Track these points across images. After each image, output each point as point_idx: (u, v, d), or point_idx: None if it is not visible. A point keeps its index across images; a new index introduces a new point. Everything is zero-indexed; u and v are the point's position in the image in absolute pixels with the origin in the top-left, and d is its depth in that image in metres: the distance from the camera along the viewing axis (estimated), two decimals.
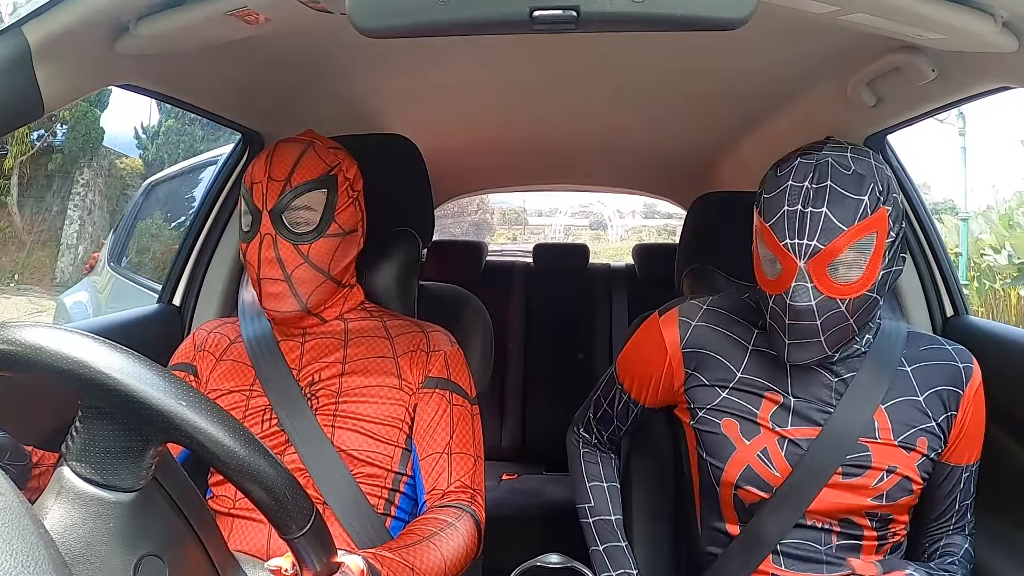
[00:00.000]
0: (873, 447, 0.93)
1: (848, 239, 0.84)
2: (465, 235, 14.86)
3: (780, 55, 1.24)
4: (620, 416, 1.12)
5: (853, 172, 0.85)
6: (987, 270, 7.30)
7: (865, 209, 0.84)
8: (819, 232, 0.84)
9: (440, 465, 1.01)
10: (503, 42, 1.21)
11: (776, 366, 0.97)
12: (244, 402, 1.03)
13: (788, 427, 0.95)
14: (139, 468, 0.52)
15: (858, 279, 0.85)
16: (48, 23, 0.79)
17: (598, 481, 1.13)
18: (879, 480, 0.92)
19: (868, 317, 0.91)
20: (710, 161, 2.21)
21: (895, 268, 0.90)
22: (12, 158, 10.57)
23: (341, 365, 1.04)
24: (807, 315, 0.86)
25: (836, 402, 0.94)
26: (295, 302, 1.02)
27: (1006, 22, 0.82)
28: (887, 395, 0.94)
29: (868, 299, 0.87)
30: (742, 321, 1.01)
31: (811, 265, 0.85)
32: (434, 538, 0.89)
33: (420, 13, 0.67)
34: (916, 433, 0.94)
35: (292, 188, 1.01)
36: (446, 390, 1.05)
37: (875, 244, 0.85)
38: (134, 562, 0.50)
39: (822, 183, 0.85)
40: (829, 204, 0.84)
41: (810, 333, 0.87)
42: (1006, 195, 8.57)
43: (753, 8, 0.64)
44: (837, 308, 0.86)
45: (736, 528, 1.00)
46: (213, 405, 0.53)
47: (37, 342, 0.49)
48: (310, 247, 1.01)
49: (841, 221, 0.84)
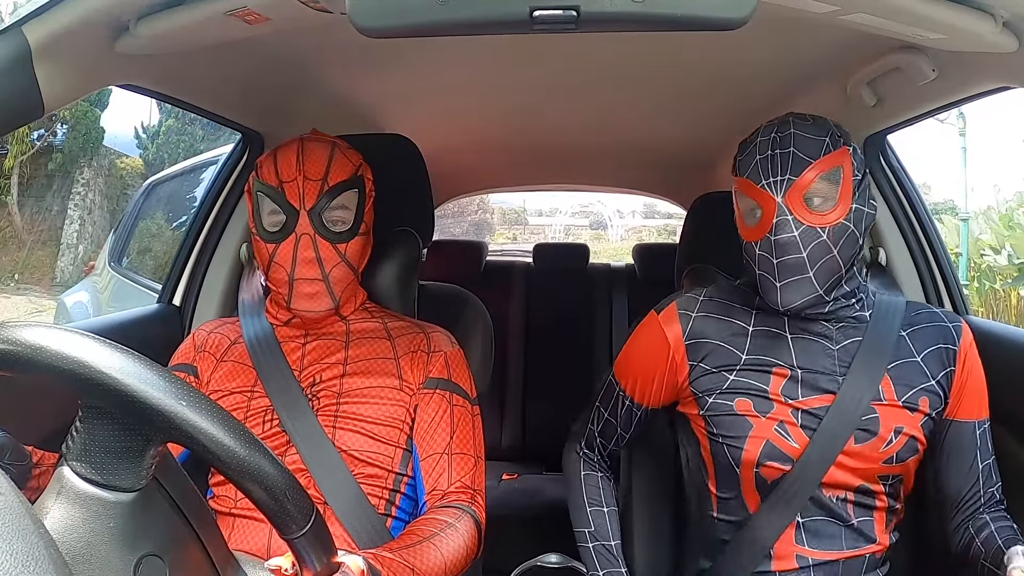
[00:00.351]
0: (880, 409, 0.96)
1: (817, 169, 0.91)
2: (465, 235, 14.86)
3: (780, 55, 1.24)
4: (623, 423, 1.11)
5: (812, 122, 0.94)
6: (987, 270, 7.30)
7: (828, 146, 0.92)
8: (790, 167, 0.91)
9: (440, 466, 1.01)
10: (503, 42, 1.21)
11: (779, 342, 0.99)
12: (245, 403, 1.03)
13: (800, 398, 0.97)
14: (139, 468, 0.52)
15: (832, 209, 0.91)
16: (48, 23, 0.79)
17: (599, 505, 1.12)
18: (888, 443, 0.95)
19: (851, 252, 0.94)
20: (710, 161, 2.21)
21: (867, 210, 0.95)
22: (12, 157, 10.57)
23: (342, 366, 1.04)
24: (792, 247, 0.91)
25: (842, 369, 0.97)
26: (330, 301, 1.03)
27: (1006, 22, 0.82)
28: (891, 359, 0.98)
29: (846, 229, 0.92)
30: (739, 306, 1.04)
31: (788, 198, 0.91)
32: (434, 538, 0.89)
33: (420, 13, 0.67)
34: (918, 393, 0.97)
35: (330, 188, 1.01)
36: (446, 391, 1.05)
37: (843, 176, 0.92)
38: (134, 562, 0.50)
39: (786, 132, 0.93)
40: (795, 144, 0.92)
41: (798, 268, 0.92)
42: (1007, 195, 8.56)
43: (753, 8, 0.64)
44: (819, 238, 0.91)
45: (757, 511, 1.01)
46: (213, 404, 0.53)
47: (37, 342, 0.49)
48: (347, 246, 1.03)
49: (808, 156, 0.91)
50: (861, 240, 0.95)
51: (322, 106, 1.54)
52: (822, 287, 0.93)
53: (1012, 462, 1.07)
